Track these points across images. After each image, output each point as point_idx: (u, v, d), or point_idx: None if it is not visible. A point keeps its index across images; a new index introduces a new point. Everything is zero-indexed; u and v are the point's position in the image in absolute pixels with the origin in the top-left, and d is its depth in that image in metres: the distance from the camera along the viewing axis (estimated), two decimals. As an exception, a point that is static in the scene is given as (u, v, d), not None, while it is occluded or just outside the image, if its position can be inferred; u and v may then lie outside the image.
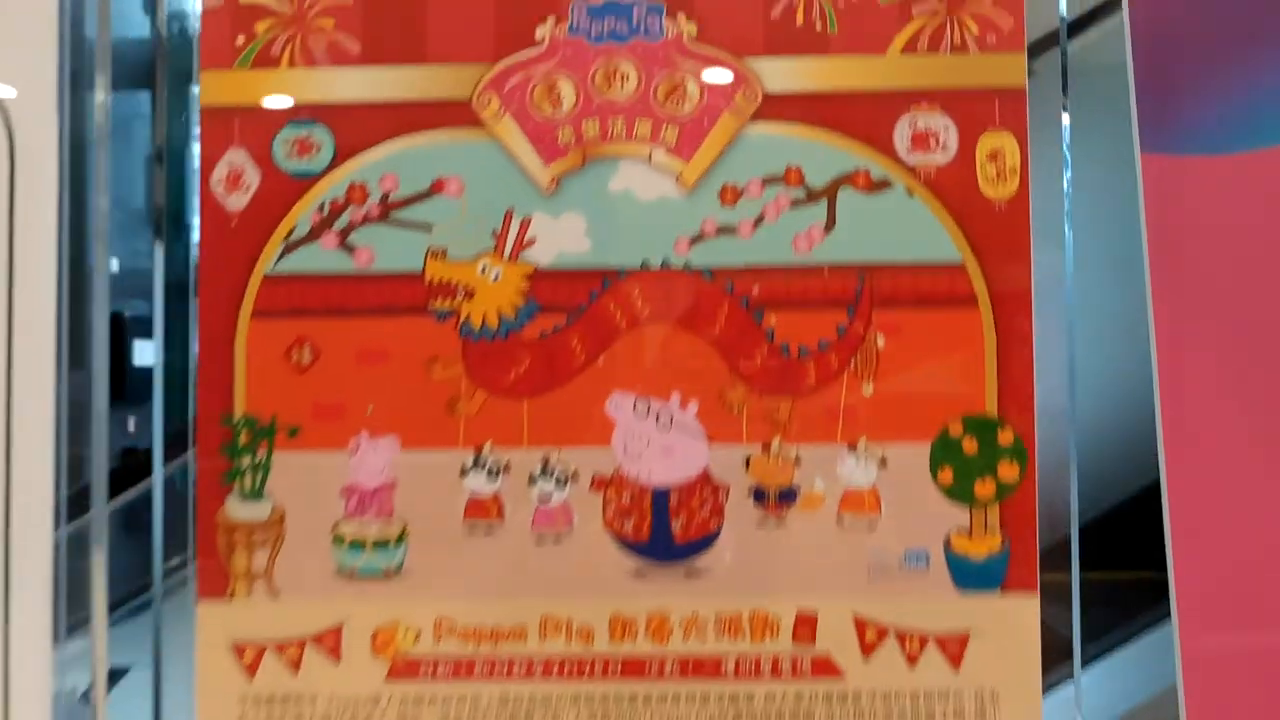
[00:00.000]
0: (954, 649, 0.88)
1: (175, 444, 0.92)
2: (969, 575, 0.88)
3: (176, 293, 0.92)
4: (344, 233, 0.91)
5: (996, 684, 0.88)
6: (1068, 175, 0.91)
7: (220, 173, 0.91)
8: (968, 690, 0.88)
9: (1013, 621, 0.88)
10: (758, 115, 0.90)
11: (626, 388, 0.90)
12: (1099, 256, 0.94)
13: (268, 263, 0.91)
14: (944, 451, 0.89)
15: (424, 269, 0.91)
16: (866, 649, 0.89)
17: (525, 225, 0.90)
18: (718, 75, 0.91)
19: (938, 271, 0.89)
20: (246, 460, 0.90)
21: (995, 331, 0.88)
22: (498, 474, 0.90)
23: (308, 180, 0.91)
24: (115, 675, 0.92)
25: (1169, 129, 0.90)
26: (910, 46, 0.90)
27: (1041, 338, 0.89)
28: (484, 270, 0.90)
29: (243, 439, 0.91)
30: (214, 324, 0.91)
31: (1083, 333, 0.90)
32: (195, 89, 0.92)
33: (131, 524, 0.97)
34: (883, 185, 0.90)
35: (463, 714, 0.89)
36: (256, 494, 0.91)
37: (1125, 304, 0.90)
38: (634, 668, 0.89)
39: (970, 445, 0.89)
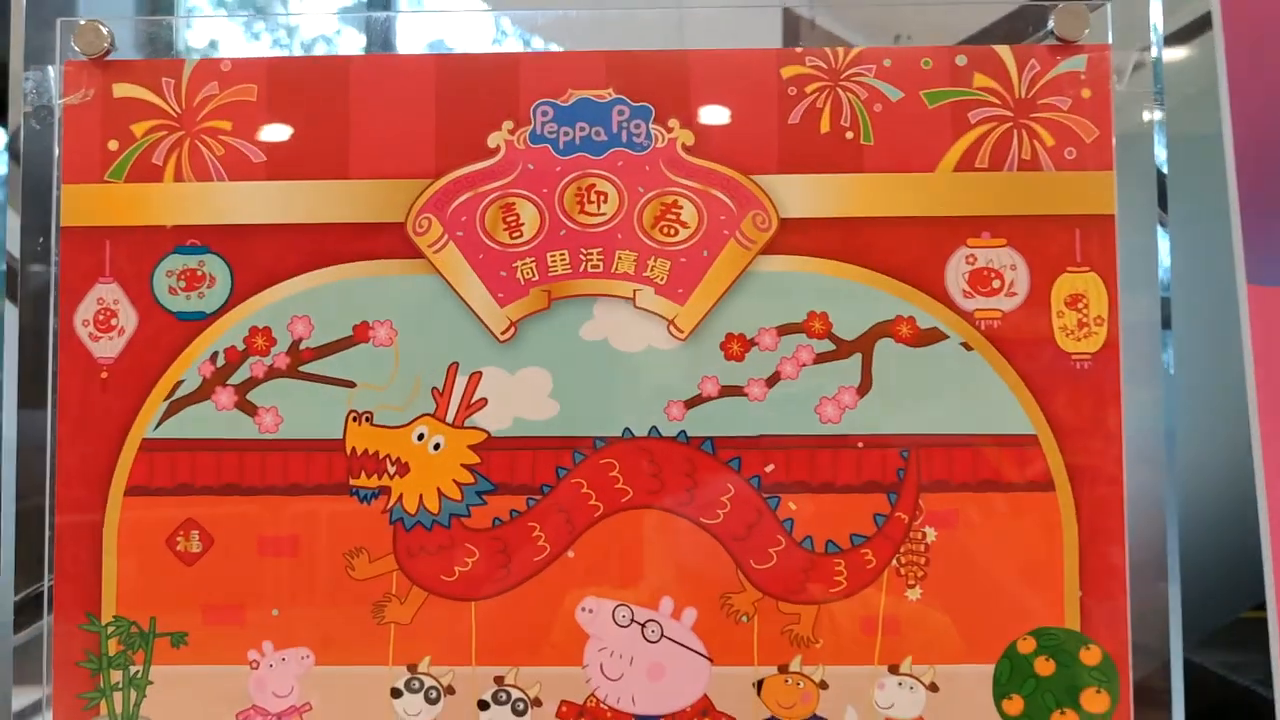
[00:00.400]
0: None
1: (24, 659, 0.81)
2: None
3: (30, 457, 0.81)
4: (243, 389, 0.81)
5: None
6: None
7: (86, 311, 0.81)
8: None
9: None
10: (771, 247, 0.80)
11: (603, 590, 0.79)
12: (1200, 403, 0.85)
13: (146, 425, 0.81)
14: (1012, 675, 0.78)
15: (344, 437, 0.80)
16: None
17: (474, 382, 0.80)
18: (720, 196, 0.80)
19: (1004, 446, 0.79)
20: (117, 676, 0.80)
21: (1077, 522, 0.78)
22: (438, 698, 0.79)
23: (197, 322, 0.81)
24: None
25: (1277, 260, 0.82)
26: (966, 163, 0.80)
27: (1136, 525, 0.78)
28: (421, 439, 0.80)
29: (111, 648, 0.80)
30: (76, 501, 0.80)
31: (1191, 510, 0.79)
32: (54, 205, 0.82)
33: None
34: (932, 337, 0.79)
35: None
36: (130, 719, 0.80)
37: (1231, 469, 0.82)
38: None
39: (1045, 667, 0.77)
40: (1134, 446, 0.78)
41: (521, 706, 0.79)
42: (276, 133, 0.81)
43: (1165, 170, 0.81)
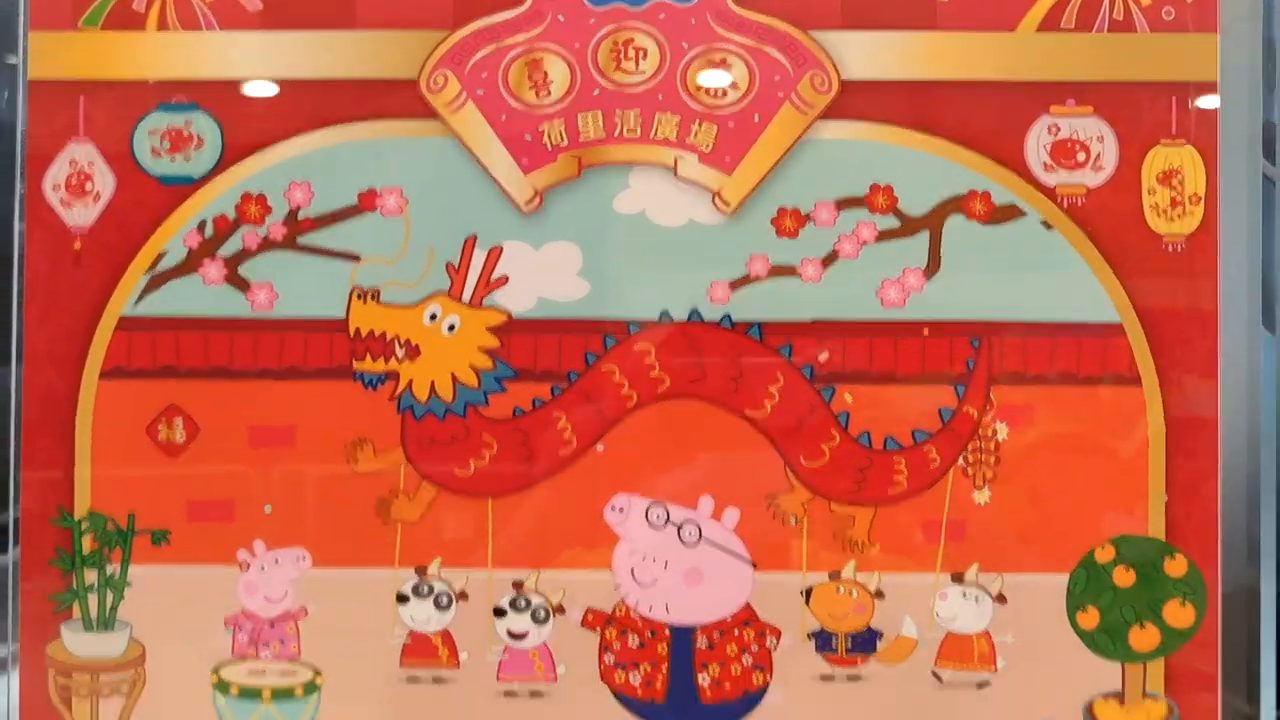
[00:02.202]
0: None
1: (-11, 553, 0.78)
2: None
3: (-7, 341, 0.78)
4: (233, 262, 0.76)
5: None
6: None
7: (57, 174, 0.77)
8: None
9: None
10: (831, 112, 0.75)
11: (635, 488, 0.75)
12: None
13: (125, 301, 0.77)
14: (1088, 585, 0.74)
15: (347, 316, 0.76)
16: None
17: (493, 257, 0.75)
18: (774, 54, 0.76)
19: (1085, 334, 0.75)
20: (91, 576, 0.76)
21: (1164, 420, 0.74)
22: (450, 604, 0.75)
23: (183, 188, 0.77)
24: None
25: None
26: (1051, 21, 0.76)
27: (1229, 426, 0.74)
28: (433, 319, 0.76)
29: (86, 546, 0.76)
30: (46, 386, 0.77)
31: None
32: (18, 56, 0.78)
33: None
34: (1008, 214, 0.75)
35: None
36: (106, 623, 0.76)
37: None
38: None
39: (1125, 577, 0.74)
40: (1230, 338, 0.74)
41: (543, 614, 0.75)
42: (275, -26, 0.77)
43: (1276, 34, 0.76)
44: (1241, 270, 0.74)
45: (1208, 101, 0.74)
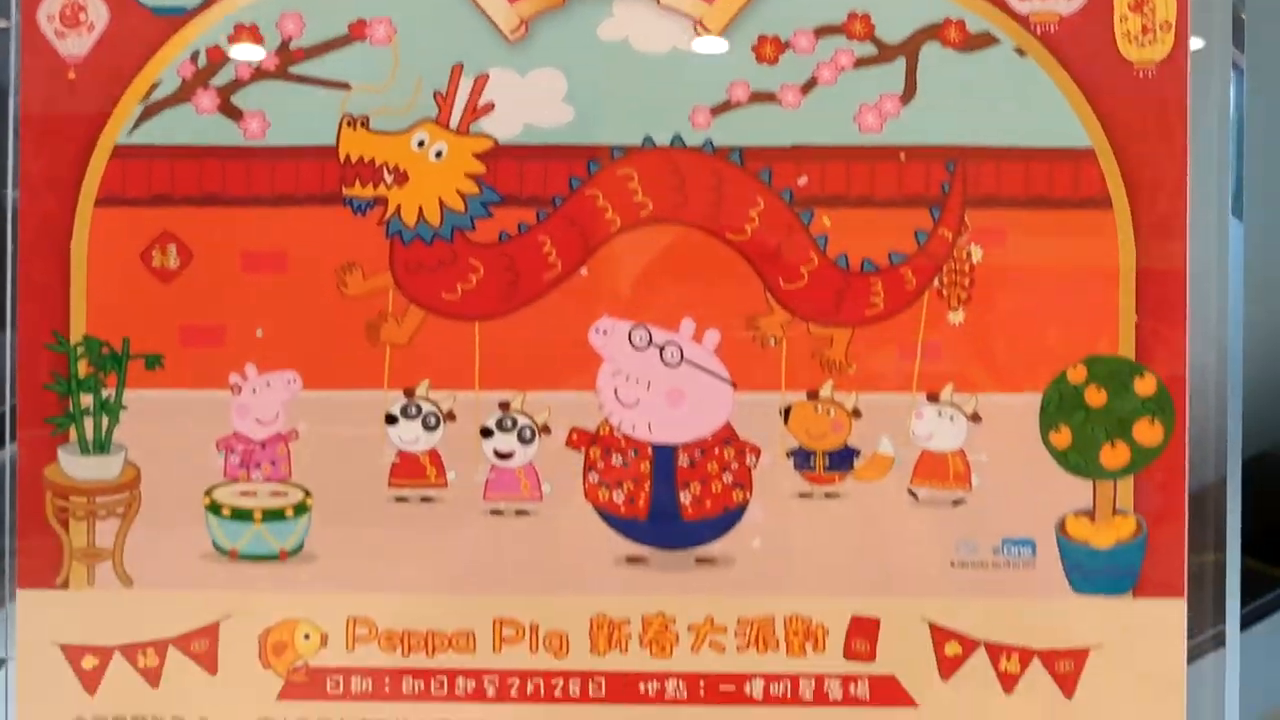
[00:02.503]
0: (1067, 671, 0.74)
1: (-15, 376, 0.77)
2: (1090, 572, 0.74)
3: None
4: (226, 91, 0.75)
5: (1124, 718, 0.73)
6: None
7: (51, 5, 0.75)
8: None
9: (1149, 635, 0.73)
10: None
11: (618, 311, 0.75)
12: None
13: (119, 130, 0.75)
14: (1060, 404, 0.73)
15: (337, 143, 0.75)
16: (946, 668, 0.74)
17: (480, 85, 0.74)
18: None
19: (1057, 159, 0.73)
20: (87, 400, 0.75)
21: (1134, 242, 0.73)
22: (438, 424, 0.75)
23: (176, 18, 0.75)
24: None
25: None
26: None
27: (1197, 251, 0.73)
28: (421, 145, 0.75)
29: (81, 370, 0.75)
30: (42, 213, 0.75)
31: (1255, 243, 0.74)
32: None
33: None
34: (983, 41, 0.74)
35: None
36: (101, 446, 0.76)
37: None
38: (624, 688, 0.74)
39: (1097, 397, 0.73)
40: (1199, 162, 0.73)
41: (528, 434, 0.74)
42: None
43: None
44: (1211, 96, 0.73)
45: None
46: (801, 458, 0.74)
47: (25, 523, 0.75)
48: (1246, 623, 0.75)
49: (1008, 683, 0.73)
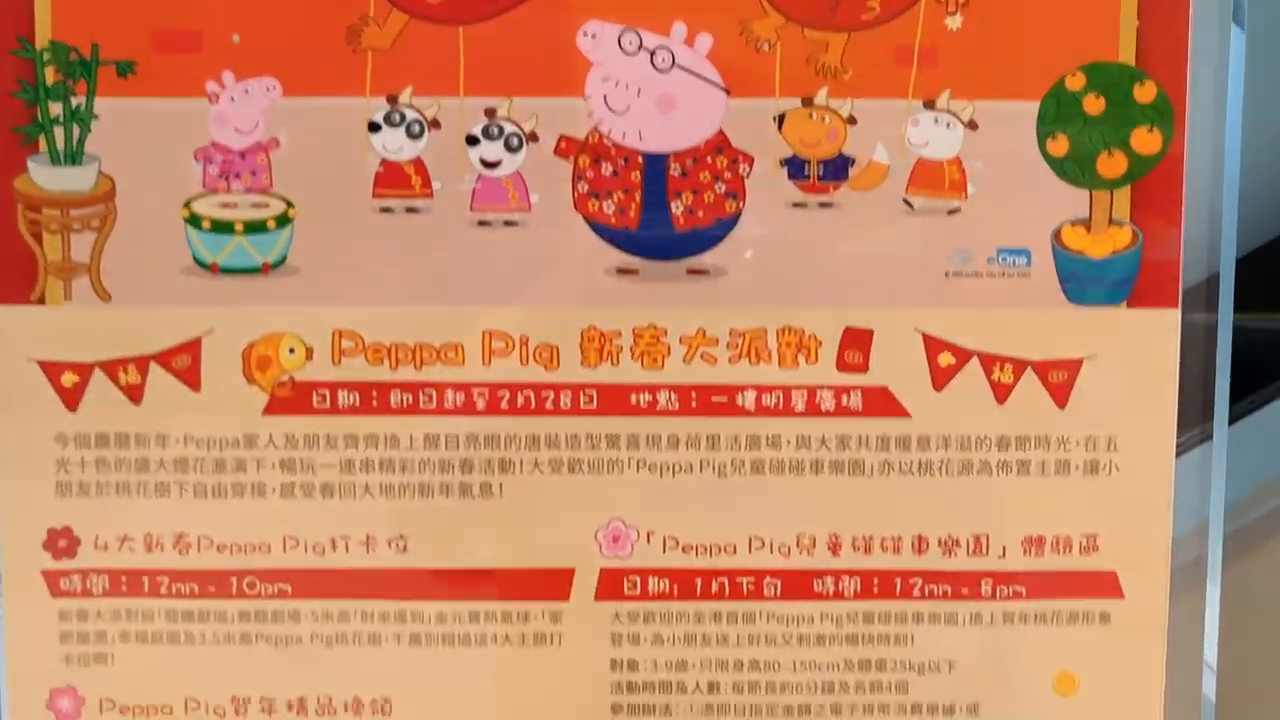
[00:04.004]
0: (1060, 381, 0.73)
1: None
2: (1085, 281, 0.72)
3: None
4: None
5: (1116, 428, 0.73)
6: None
7: None
8: (1076, 437, 0.73)
9: (1142, 346, 0.73)
10: None
11: (608, 14, 0.71)
12: None
13: None
14: (1058, 112, 0.71)
15: None
16: (939, 379, 0.73)
17: None
18: None
19: None
20: (56, 108, 0.72)
21: None
22: (422, 131, 0.72)
23: None
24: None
25: None
26: None
27: None
28: None
29: (49, 77, 0.71)
30: None
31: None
32: None
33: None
34: None
35: (372, 460, 0.74)
36: (73, 157, 0.73)
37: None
38: (615, 400, 0.73)
39: (1095, 105, 0.71)
40: None
41: (516, 141, 0.72)
42: None
43: None
44: None
45: None
46: (795, 166, 0.72)
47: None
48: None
49: (1000, 393, 0.73)
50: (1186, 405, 0.73)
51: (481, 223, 0.73)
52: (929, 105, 0.71)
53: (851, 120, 0.71)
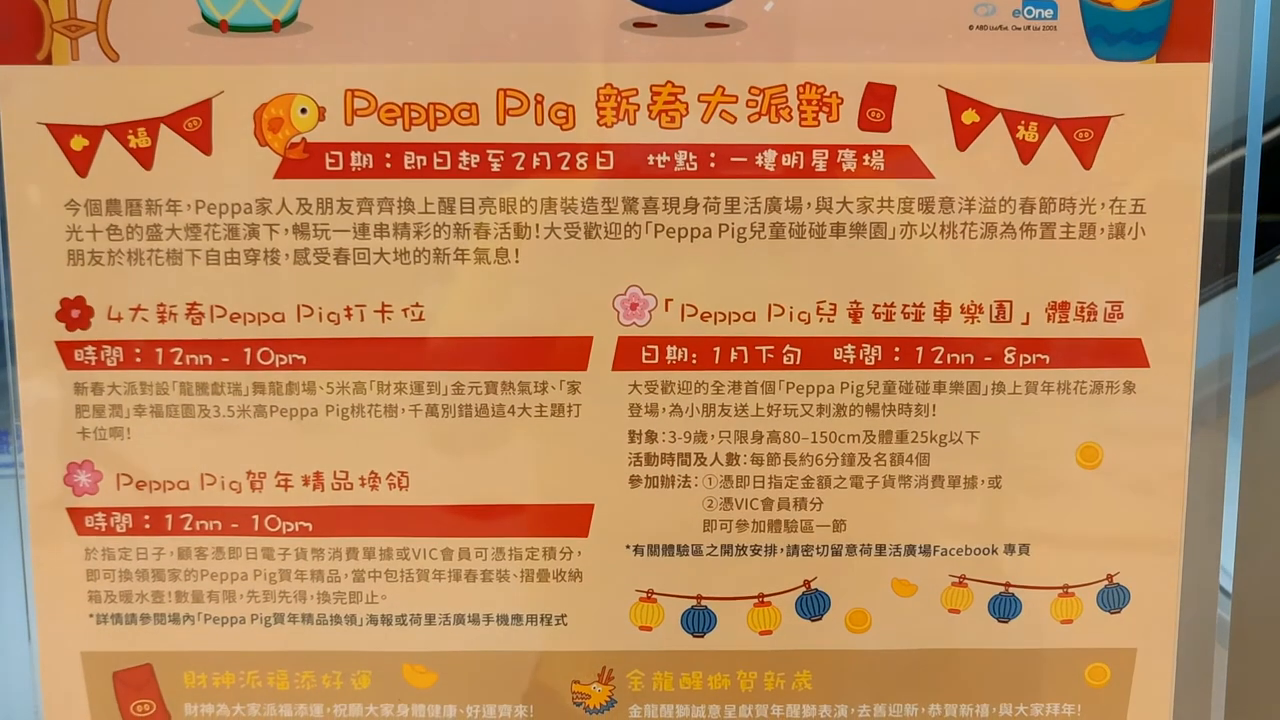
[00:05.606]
0: (1086, 139, 0.71)
1: None
2: (1113, 35, 0.70)
3: None
4: None
5: (1142, 190, 0.71)
6: None
7: None
8: (1102, 198, 0.72)
9: (1171, 103, 0.70)
10: None
11: None
12: None
13: None
14: None
15: None
16: (963, 138, 0.71)
17: None
18: None
19: None
20: None
21: None
22: None
23: None
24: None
25: None
26: None
27: None
28: None
29: None
30: None
31: None
32: None
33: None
34: None
35: (386, 225, 0.72)
36: None
37: None
38: (631, 162, 0.71)
39: None
40: None
41: None
42: None
43: None
44: None
45: None
46: None
47: (2, -8, 0.70)
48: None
49: (1025, 152, 0.71)
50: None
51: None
52: None
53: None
